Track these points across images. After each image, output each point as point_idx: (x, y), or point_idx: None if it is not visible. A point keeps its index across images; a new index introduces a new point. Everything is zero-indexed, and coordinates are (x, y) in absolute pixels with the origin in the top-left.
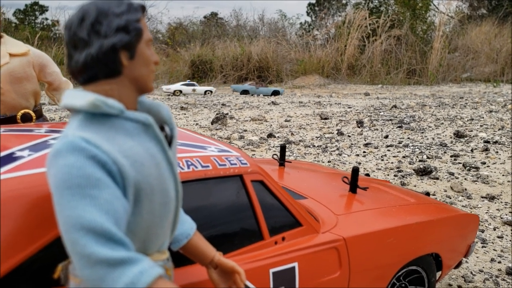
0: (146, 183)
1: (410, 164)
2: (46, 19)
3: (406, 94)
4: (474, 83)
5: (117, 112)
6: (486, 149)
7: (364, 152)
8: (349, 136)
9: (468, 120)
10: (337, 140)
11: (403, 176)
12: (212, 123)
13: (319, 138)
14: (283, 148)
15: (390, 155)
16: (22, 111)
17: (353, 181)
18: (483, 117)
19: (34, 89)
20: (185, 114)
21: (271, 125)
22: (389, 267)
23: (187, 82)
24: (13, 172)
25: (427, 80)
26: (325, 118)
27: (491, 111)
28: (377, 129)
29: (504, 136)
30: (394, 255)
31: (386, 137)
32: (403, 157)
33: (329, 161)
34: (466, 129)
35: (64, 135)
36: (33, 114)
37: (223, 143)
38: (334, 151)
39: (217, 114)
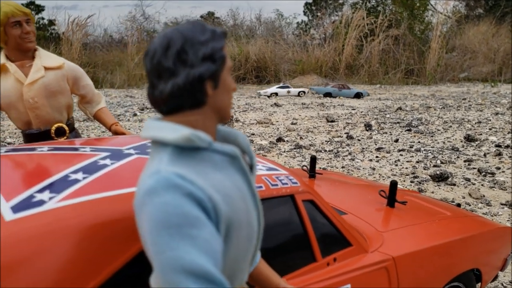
0: (236, 218)
1: (425, 169)
2: (43, 18)
3: (406, 95)
4: (472, 83)
5: (207, 145)
6: (499, 154)
7: (377, 157)
8: (359, 140)
9: (476, 123)
10: (348, 144)
11: (419, 183)
12: None
13: (329, 142)
14: (313, 160)
15: (404, 160)
16: (56, 125)
17: (392, 195)
18: (490, 120)
19: (67, 103)
20: None
21: (278, 128)
22: (436, 285)
23: (281, 84)
24: (76, 198)
25: (425, 80)
26: (332, 121)
27: (497, 114)
28: (386, 133)
29: None
30: (439, 273)
31: (397, 141)
32: (417, 162)
33: (342, 167)
34: (476, 132)
35: (155, 171)
36: (66, 128)
37: (267, 159)
38: (346, 156)
39: None
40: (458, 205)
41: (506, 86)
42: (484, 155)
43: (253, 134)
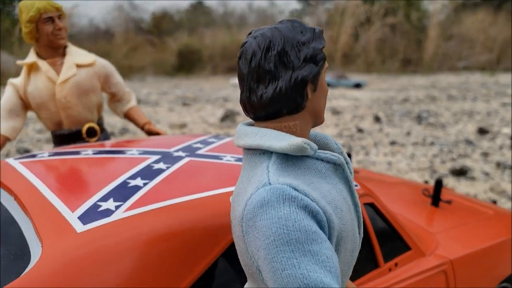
0: (345, 230)
1: (442, 163)
2: None
3: (405, 85)
4: (470, 72)
5: (313, 153)
6: None
7: (392, 151)
8: (369, 133)
9: (485, 115)
10: (359, 138)
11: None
12: (221, 121)
13: (339, 136)
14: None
15: (419, 154)
16: (88, 125)
17: (436, 194)
18: (499, 111)
19: (98, 101)
20: (188, 110)
21: None
22: (488, 286)
23: None
24: (143, 206)
25: (423, 70)
26: (337, 113)
27: (504, 105)
28: (396, 125)
29: None
30: (492, 274)
31: (408, 133)
32: (433, 156)
33: (358, 162)
34: (487, 124)
35: (265, 182)
36: (97, 127)
37: None
38: (359, 150)
39: (226, 111)
40: (494, 202)
41: (504, 75)
42: (500, 148)
43: None
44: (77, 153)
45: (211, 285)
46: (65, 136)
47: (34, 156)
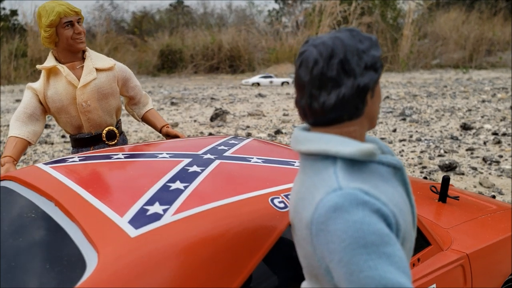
0: (407, 231)
1: (430, 159)
2: (4, 8)
3: (383, 82)
4: (444, 70)
5: (377, 158)
6: (499, 142)
7: None
8: None
9: (466, 111)
10: None
11: (429, 173)
12: (211, 120)
13: None
14: None
15: (407, 150)
16: (107, 129)
17: (444, 190)
18: (479, 108)
19: (117, 105)
20: (177, 109)
21: (271, 120)
22: (500, 279)
23: (265, 75)
24: (191, 209)
25: (399, 67)
26: None
27: (483, 101)
28: (381, 123)
29: (509, 127)
30: (503, 267)
31: (395, 130)
32: (421, 152)
33: None
34: (469, 120)
35: (336, 187)
36: (116, 131)
37: None
38: None
39: (215, 110)
40: (493, 196)
41: (477, 72)
42: (484, 143)
43: (248, 127)
44: (108, 157)
45: (260, 284)
46: (86, 140)
47: (64, 161)
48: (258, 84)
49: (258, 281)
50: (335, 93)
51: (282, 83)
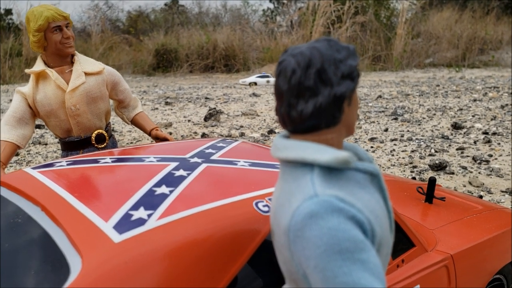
0: (383, 237)
1: (421, 158)
2: None
3: (376, 81)
4: (437, 68)
5: (353, 165)
6: (489, 141)
7: (372, 147)
8: None
9: (458, 110)
10: None
11: (420, 172)
12: (205, 120)
13: None
14: None
15: (398, 149)
16: (97, 132)
17: (430, 191)
18: (470, 107)
19: (107, 108)
20: (171, 109)
21: (264, 119)
22: (484, 279)
23: (262, 74)
24: (175, 214)
25: (392, 66)
26: None
27: (475, 100)
28: (373, 122)
29: (499, 126)
30: (488, 267)
31: (386, 130)
32: (412, 151)
33: None
34: (460, 119)
35: (312, 194)
36: (106, 134)
37: None
38: None
39: (209, 110)
40: (480, 196)
41: (470, 71)
42: (474, 142)
43: (242, 127)
44: (96, 161)
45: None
46: (75, 143)
47: (51, 165)
48: (255, 83)
49: (242, 283)
50: (313, 101)
51: None
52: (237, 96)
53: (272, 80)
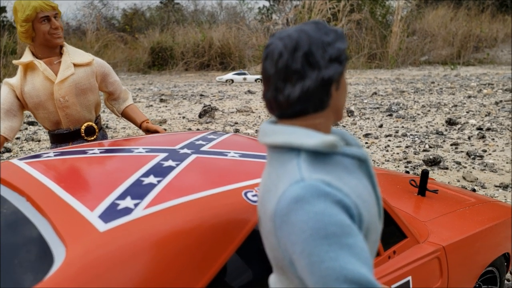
0: (371, 223)
1: (415, 154)
2: None
3: (372, 79)
4: (433, 66)
5: (340, 149)
6: (483, 137)
7: (366, 143)
8: (344, 126)
9: (452, 107)
10: None
11: (414, 168)
12: (200, 116)
13: None
14: None
15: (393, 145)
16: (86, 124)
17: (423, 184)
18: (465, 103)
19: (96, 100)
20: (166, 106)
21: (259, 116)
22: (477, 271)
23: (239, 71)
24: (161, 203)
25: (388, 64)
26: None
27: (469, 97)
28: (368, 118)
29: (493, 122)
30: (480, 259)
31: (381, 126)
32: (406, 147)
33: None
34: (454, 115)
35: (298, 178)
36: (95, 126)
37: None
38: None
39: (204, 106)
40: (474, 190)
41: (465, 68)
42: (468, 138)
43: (236, 123)
44: (84, 152)
45: (232, 277)
46: (64, 135)
47: (39, 156)
48: (232, 81)
49: (231, 273)
50: (300, 85)
51: (256, 80)
52: (232, 93)
53: (249, 77)
